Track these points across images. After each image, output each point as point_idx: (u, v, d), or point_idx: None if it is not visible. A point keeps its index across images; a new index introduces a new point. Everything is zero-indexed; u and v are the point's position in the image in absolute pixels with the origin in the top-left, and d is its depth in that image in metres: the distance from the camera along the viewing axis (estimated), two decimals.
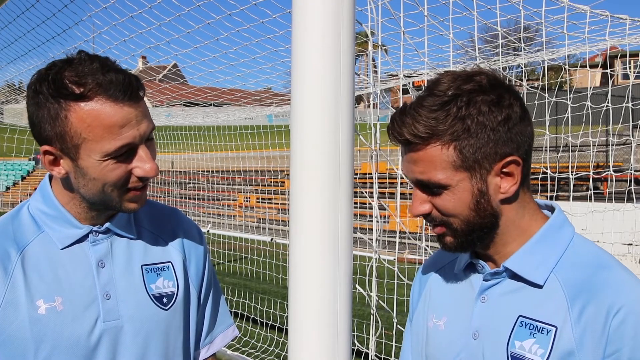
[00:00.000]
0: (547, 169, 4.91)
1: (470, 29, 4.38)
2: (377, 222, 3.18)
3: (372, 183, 2.98)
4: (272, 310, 7.16)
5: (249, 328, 6.92)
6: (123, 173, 1.23)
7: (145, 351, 1.32)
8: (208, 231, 11.48)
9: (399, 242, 3.89)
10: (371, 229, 3.43)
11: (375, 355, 3.37)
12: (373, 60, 3.75)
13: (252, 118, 15.33)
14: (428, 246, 4.03)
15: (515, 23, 6.67)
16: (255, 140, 12.24)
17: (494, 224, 1.15)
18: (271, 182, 17.90)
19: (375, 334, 3.25)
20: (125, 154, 1.22)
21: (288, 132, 1.31)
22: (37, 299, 1.23)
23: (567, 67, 6.05)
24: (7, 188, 33.08)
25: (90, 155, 1.20)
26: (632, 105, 5.37)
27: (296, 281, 1.27)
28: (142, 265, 1.36)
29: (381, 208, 3.26)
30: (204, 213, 16.11)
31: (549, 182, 6.10)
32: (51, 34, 6.33)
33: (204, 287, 1.49)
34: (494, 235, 1.17)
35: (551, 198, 6.43)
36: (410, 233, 3.92)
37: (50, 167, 1.25)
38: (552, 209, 1.22)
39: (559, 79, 9.18)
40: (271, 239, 10.09)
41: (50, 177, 1.35)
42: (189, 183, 16.84)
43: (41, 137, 1.23)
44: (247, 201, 18.68)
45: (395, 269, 3.24)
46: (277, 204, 17.36)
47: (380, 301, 3.41)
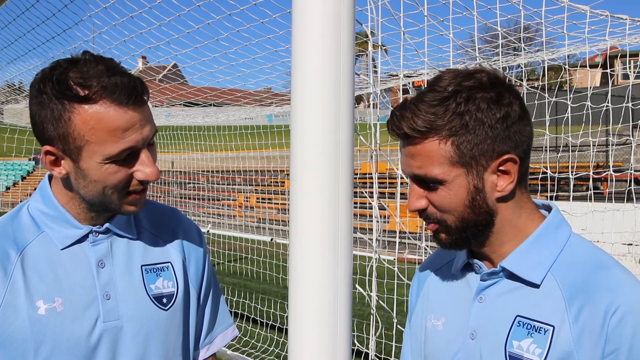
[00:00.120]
0: (547, 169, 4.91)
1: (470, 29, 4.39)
2: (377, 222, 3.18)
3: (372, 183, 2.98)
4: (272, 310, 7.16)
5: (249, 328, 6.92)
6: (124, 176, 1.23)
7: (145, 351, 1.32)
8: (208, 231, 11.48)
9: (399, 242, 3.88)
10: (371, 229, 3.43)
11: (375, 355, 3.37)
12: (373, 60, 3.75)
13: (252, 118, 15.32)
14: (428, 246, 4.03)
15: (515, 23, 6.67)
16: (255, 140, 12.24)
17: (489, 222, 1.15)
18: (271, 182, 17.90)
19: (375, 334, 3.25)
20: (127, 157, 1.21)
21: (288, 132, 1.31)
22: (37, 300, 1.23)
23: (567, 67, 6.06)
24: (7, 188, 33.09)
25: (92, 157, 1.19)
26: (632, 105, 5.36)
27: (296, 281, 1.27)
28: (141, 266, 1.35)
29: (381, 208, 3.25)
30: (204, 213, 16.11)
31: (549, 182, 6.10)
32: (51, 34, 6.34)
33: (203, 287, 1.49)
34: (489, 233, 1.17)
35: (551, 198, 6.43)
36: (410, 233, 3.92)
37: (51, 167, 1.25)
38: (549, 209, 1.22)
39: (559, 79, 9.19)
40: (271, 239, 10.09)
41: (50, 178, 1.35)
42: (189, 183, 16.83)
43: (43, 137, 1.22)
44: (247, 201, 18.68)
45: (395, 269, 3.24)
46: (277, 204, 17.37)
47: (380, 301, 3.41)
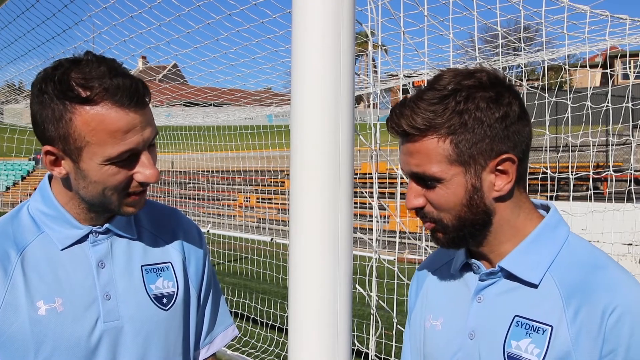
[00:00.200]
0: (547, 169, 4.91)
1: (470, 29, 4.39)
2: (377, 222, 3.18)
3: (372, 183, 2.98)
4: (272, 310, 7.16)
5: (249, 328, 6.92)
6: (124, 178, 1.22)
7: (145, 351, 1.32)
8: (208, 231, 11.48)
9: (399, 242, 3.89)
10: (371, 229, 3.43)
11: (375, 355, 3.37)
12: (373, 60, 3.75)
13: (252, 118, 15.32)
14: (428, 246, 4.03)
15: (515, 23, 6.67)
16: (255, 140, 12.24)
17: (487, 221, 1.15)
18: (271, 182, 17.90)
19: (375, 334, 3.25)
20: (128, 159, 1.21)
21: (288, 132, 1.31)
22: (37, 300, 1.23)
23: (567, 67, 6.06)
24: (7, 188, 33.10)
25: (92, 158, 1.19)
26: (632, 105, 5.36)
27: (296, 281, 1.27)
28: (142, 266, 1.35)
29: (381, 208, 3.25)
30: (204, 213, 16.11)
31: (549, 182, 6.10)
32: (51, 34, 6.34)
33: (203, 288, 1.49)
34: (487, 233, 1.17)
35: (551, 198, 6.43)
36: (410, 233, 3.92)
37: (51, 167, 1.25)
38: (547, 209, 1.22)
39: (559, 79, 9.19)
40: (271, 239, 10.09)
41: (50, 178, 1.35)
42: (189, 183, 16.83)
43: (44, 137, 1.22)
44: (247, 201, 18.68)
45: (395, 269, 3.24)
46: (277, 204, 17.37)
47: (380, 301, 3.41)
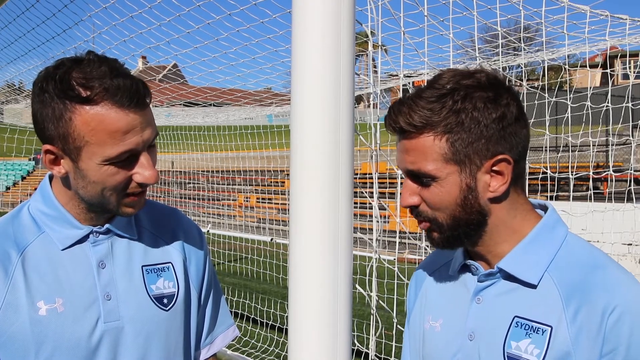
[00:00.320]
0: (547, 169, 4.91)
1: (470, 29, 4.39)
2: (377, 222, 3.18)
3: (372, 183, 2.98)
4: (272, 310, 7.16)
5: (249, 328, 6.92)
6: (123, 178, 1.22)
7: (145, 352, 1.32)
8: (208, 231, 11.48)
9: (399, 242, 3.88)
10: (371, 229, 3.43)
11: (375, 355, 3.37)
12: (373, 60, 3.75)
13: (252, 118, 15.32)
14: (428, 246, 4.03)
15: (515, 23, 6.68)
16: (255, 140, 12.24)
17: (481, 221, 1.15)
18: (271, 182, 17.89)
19: (375, 334, 3.25)
20: (127, 159, 1.21)
21: (288, 132, 1.31)
22: (37, 300, 1.23)
23: (567, 67, 6.06)
24: (7, 188, 33.09)
25: (91, 158, 1.20)
26: (632, 105, 5.36)
27: (296, 281, 1.27)
28: (142, 266, 1.35)
29: (381, 208, 3.26)
30: (204, 213, 16.11)
31: (549, 182, 6.10)
32: (51, 34, 6.34)
33: (204, 288, 1.49)
34: (482, 233, 1.17)
35: (551, 198, 6.44)
36: (410, 233, 3.92)
37: (51, 166, 1.25)
38: (545, 209, 1.22)
39: (559, 79, 9.19)
40: (271, 239, 10.09)
41: (51, 178, 1.35)
42: (189, 183, 16.83)
43: (44, 136, 1.23)
44: (247, 201, 18.68)
45: (396, 269, 3.24)
46: (277, 204, 17.36)
47: (380, 301, 3.41)
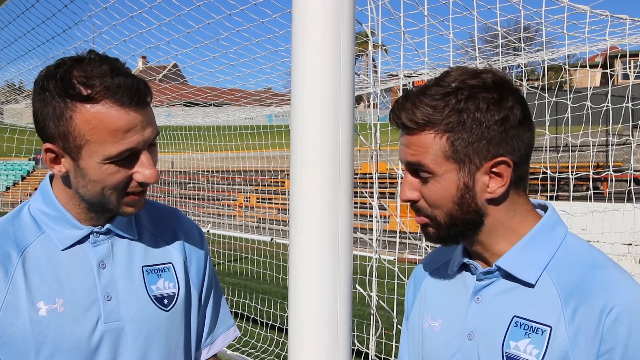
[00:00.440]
0: (547, 169, 4.91)
1: (470, 29, 4.39)
2: (377, 222, 3.18)
3: (372, 183, 2.98)
4: (272, 310, 7.16)
5: (249, 328, 6.92)
6: (123, 177, 1.22)
7: (146, 352, 1.32)
8: (208, 231, 11.48)
9: (399, 242, 3.88)
10: (371, 229, 3.43)
11: (375, 355, 3.37)
12: (373, 60, 3.75)
13: (252, 118, 15.32)
14: (428, 246, 4.03)
15: (515, 23, 6.67)
16: (255, 140, 12.24)
17: (478, 221, 1.15)
18: (271, 182, 17.89)
19: (375, 334, 3.25)
20: (127, 158, 1.21)
21: (288, 132, 1.31)
22: (37, 301, 1.23)
23: (567, 67, 6.06)
24: (7, 188, 33.10)
25: (91, 157, 1.19)
26: (632, 105, 5.36)
27: (296, 281, 1.27)
28: (142, 267, 1.35)
29: (381, 208, 3.26)
30: (204, 213, 16.11)
31: (549, 182, 6.11)
32: (51, 34, 6.35)
33: (204, 288, 1.48)
34: (479, 232, 1.17)
35: (551, 198, 6.44)
36: (410, 233, 3.92)
37: (51, 165, 1.25)
38: (545, 209, 1.22)
39: (559, 79, 9.19)
40: (271, 239, 10.09)
41: (51, 178, 1.35)
42: (189, 183, 16.83)
43: (44, 134, 1.23)
44: (247, 201, 18.67)
45: (396, 269, 3.24)
46: (277, 204, 17.36)
47: (380, 301, 3.41)
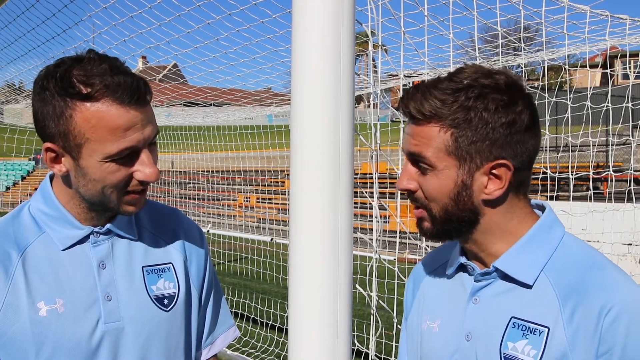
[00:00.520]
0: (547, 169, 4.92)
1: (470, 29, 4.40)
2: (377, 222, 3.18)
3: (372, 183, 2.98)
4: (272, 310, 7.16)
5: (249, 328, 6.92)
6: (123, 176, 1.22)
7: (146, 353, 1.32)
8: (208, 231, 11.48)
9: (399, 242, 3.88)
10: (371, 229, 3.43)
11: (375, 355, 3.37)
12: (373, 60, 3.75)
13: (252, 118, 15.33)
14: (428, 246, 4.03)
15: (515, 23, 6.68)
16: (255, 140, 12.24)
17: (473, 220, 1.15)
18: (271, 182, 17.89)
19: (375, 334, 3.25)
20: (128, 156, 1.21)
21: (288, 132, 1.31)
22: (38, 301, 1.23)
23: (567, 67, 6.06)
24: (7, 188, 33.10)
25: (92, 155, 1.19)
26: (632, 105, 5.37)
27: (296, 281, 1.27)
28: (142, 267, 1.35)
29: (381, 208, 3.26)
30: (204, 213, 16.11)
31: (549, 182, 6.11)
32: (51, 34, 6.35)
33: (205, 288, 1.48)
34: (474, 230, 1.17)
35: (551, 198, 6.44)
36: (410, 233, 3.91)
37: (51, 164, 1.25)
38: (543, 209, 1.22)
39: (559, 79, 9.19)
40: (271, 239, 10.09)
41: (51, 178, 1.35)
42: (189, 183, 16.83)
43: (44, 134, 1.23)
44: (247, 201, 18.67)
45: (396, 269, 3.24)
46: (277, 204, 17.36)
47: (380, 301, 3.41)
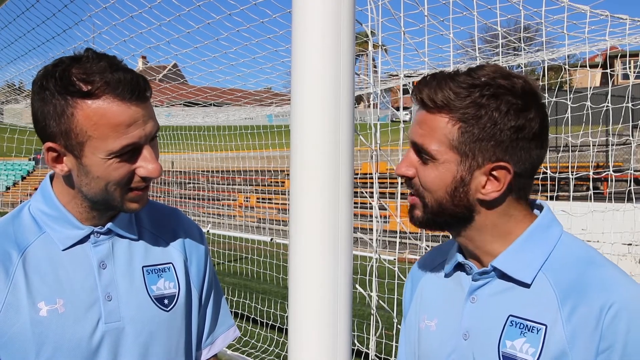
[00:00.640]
0: (547, 169, 4.92)
1: (470, 28, 4.40)
2: (378, 222, 3.18)
3: (372, 183, 2.98)
4: (272, 310, 7.16)
5: (249, 328, 6.92)
6: (126, 172, 1.22)
7: (146, 353, 1.32)
8: (208, 231, 11.48)
9: (399, 242, 3.88)
10: (371, 229, 3.43)
11: (375, 355, 3.37)
12: (373, 60, 3.75)
13: (252, 118, 15.34)
14: (428, 246, 4.02)
15: (515, 23, 6.68)
16: (255, 140, 12.24)
17: (468, 217, 1.15)
18: (271, 182, 17.89)
19: (375, 334, 3.25)
20: (130, 153, 1.21)
21: (288, 132, 1.31)
22: (38, 301, 1.23)
23: (567, 67, 6.06)
24: (7, 188, 33.09)
25: (94, 153, 1.19)
26: (632, 105, 5.37)
27: (296, 281, 1.27)
28: (143, 267, 1.35)
29: (381, 208, 3.26)
30: (204, 213, 16.11)
31: (549, 182, 6.10)
32: (51, 34, 6.35)
33: (205, 288, 1.48)
34: (468, 227, 1.17)
35: (551, 198, 6.44)
36: (410, 233, 3.92)
37: (53, 164, 1.25)
38: (541, 208, 1.22)
39: (559, 79, 9.18)
40: (271, 239, 10.09)
41: (51, 178, 1.35)
42: (189, 183, 16.82)
43: (45, 134, 1.22)
44: (247, 201, 18.68)
45: (396, 269, 3.24)
46: (277, 204, 17.36)
47: (380, 301, 3.41)
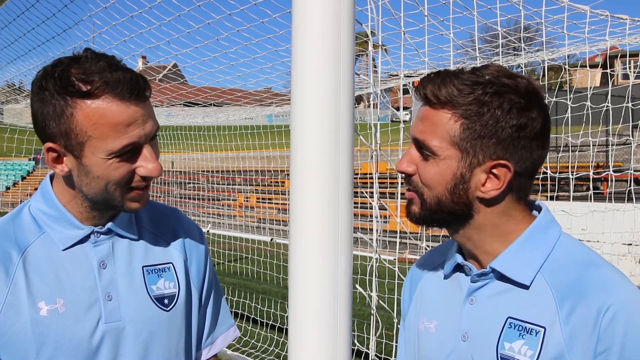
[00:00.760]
0: (547, 169, 4.92)
1: (471, 28, 4.40)
2: (378, 222, 3.18)
3: (372, 183, 2.98)
4: (272, 310, 7.17)
5: (249, 328, 6.92)
6: (126, 172, 1.23)
7: (146, 352, 1.32)
8: (208, 231, 11.48)
9: (399, 242, 3.88)
10: (371, 229, 3.43)
11: (375, 355, 3.37)
12: (373, 60, 3.75)
13: (252, 118, 15.35)
14: (428, 246, 4.03)
15: (515, 23, 6.68)
16: (255, 140, 12.25)
17: (466, 215, 1.15)
18: (271, 182, 17.89)
19: (375, 334, 3.25)
20: (130, 152, 1.21)
21: (288, 132, 1.31)
22: (38, 301, 1.23)
23: (567, 67, 6.06)
24: (7, 188, 33.10)
25: (94, 153, 1.20)
26: (632, 105, 5.37)
27: (296, 281, 1.27)
28: (143, 267, 1.35)
29: (381, 208, 3.25)
30: (204, 213, 16.11)
31: (549, 182, 6.11)
32: (51, 34, 6.35)
33: (205, 288, 1.48)
34: (466, 225, 1.17)
35: (551, 198, 6.44)
36: (410, 233, 3.92)
37: (53, 164, 1.25)
38: (540, 209, 1.22)
39: (559, 79, 9.19)
40: (271, 239, 10.10)
41: (52, 178, 1.35)
42: (189, 183, 16.83)
43: (45, 134, 1.22)
44: (247, 201, 18.68)
45: (396, 269, 3.24)
46: (277, 204, 17.36)
47: (380, 301, 3.41)
